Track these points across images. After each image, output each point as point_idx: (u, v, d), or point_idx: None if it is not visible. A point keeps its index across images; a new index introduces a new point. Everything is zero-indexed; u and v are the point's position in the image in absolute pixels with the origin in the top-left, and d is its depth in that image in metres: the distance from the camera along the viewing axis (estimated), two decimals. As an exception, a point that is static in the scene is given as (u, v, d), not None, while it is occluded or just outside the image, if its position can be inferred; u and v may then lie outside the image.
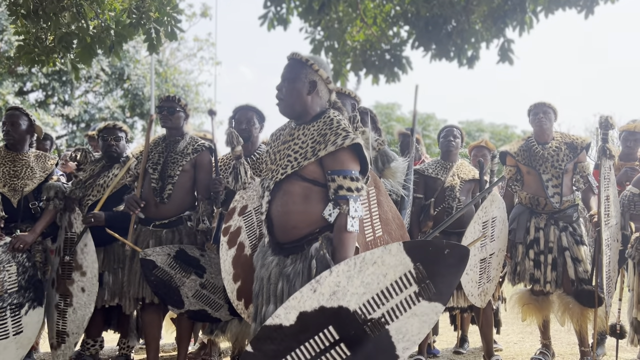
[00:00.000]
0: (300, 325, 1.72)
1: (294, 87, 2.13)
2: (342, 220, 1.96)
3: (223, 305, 3.35)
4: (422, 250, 1.79)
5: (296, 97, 2.13)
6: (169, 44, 16.68)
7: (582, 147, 3.81)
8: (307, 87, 2.14)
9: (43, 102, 13.88)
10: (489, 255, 3.64)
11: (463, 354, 4.32)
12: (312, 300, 1.72)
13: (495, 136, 20.34)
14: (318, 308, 1.72)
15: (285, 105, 2.16)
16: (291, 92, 2.14)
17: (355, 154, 2.04)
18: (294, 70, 2.16)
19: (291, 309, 1.72)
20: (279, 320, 1.72)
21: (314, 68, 2.15)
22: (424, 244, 1.83)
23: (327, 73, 2.18)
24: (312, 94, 2.14)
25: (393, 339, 1.75)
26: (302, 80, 2.13)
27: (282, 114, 2.19)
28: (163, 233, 3.41)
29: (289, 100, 2.14)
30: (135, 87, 14.52)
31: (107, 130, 3.85)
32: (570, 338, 4.44)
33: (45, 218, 3.61)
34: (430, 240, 1.86)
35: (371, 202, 3.00)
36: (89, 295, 3.49)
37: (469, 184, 3.94)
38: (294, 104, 2.15)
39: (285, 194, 2.07)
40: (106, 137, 3.83)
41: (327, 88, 2.19)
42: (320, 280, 1.73)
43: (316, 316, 1.72)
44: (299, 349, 1.72)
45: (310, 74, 2.15)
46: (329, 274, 1.74)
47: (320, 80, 2.16)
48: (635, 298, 3.63)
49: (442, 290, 1.80)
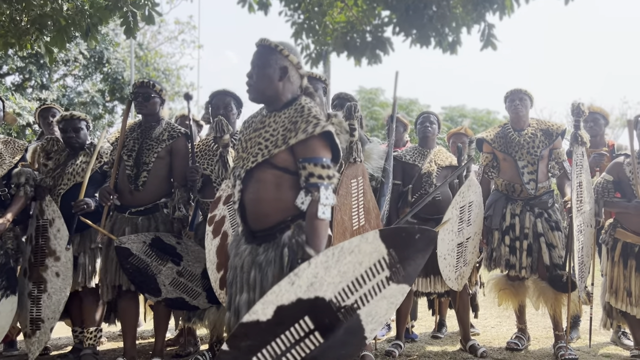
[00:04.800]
0: (277, 319, 1.71)
1: (264, 73, 2.10)
2: (314, 207, 1.95)
3: (201, 293, 3.34)
4: (396, 236, 1.81)
5: (267, 84, 2.11)
6: (149, 27, 16.43)
7: (557, 134, 3.85)
8: (277, 73, 2.11)
9: (20, 85, 13.57)
10: (465, 239, 3.67)
11: (441, 339, 4.38)
12: (290, 293, 1.72)
13: (477, 121, 20.41)
14: (295, 300, 1.72)
15: (255, 91, 2.13)
16: (262, 79, 2.10)
17: (326, 142, 2.02)
18: (264, 56, 2.12)
19: (269, 303, 1.71)
20: (256, 317, 1.70)
21: (284, 53, 2.12)
22: (398, 231, 1.85)
23: (297, 58, 2.15)
24: (283, 80, 2.11)
25: (363, 322, 1.79)
26: (273, 66, 2.10)
27: (253, 100, 2.17)
28: (139, 220, 3.39)
29: (260, 86, 2.12)
30: (115, 71, 14.25)
31: (65, 121, 3.74)
32: (546, 322, 4.52)
33: (16, 204, 3.53)
34: (403, 227, 1.87)
35: (359, 192, 3.02)
36: (63, 280, 3.46)
37: (446, 171, 3.95)
38: (265, 90, 2.12)
39: (256, 182, 2.05)
40: (65, 128, 3.73)
41: (299, 73, 2.16)
42: (299, 273, 1.73)
43: (293, 308, 1.72)
44: (274, 342, 1.72)
45: (280, 59, 2.11)
46: (307, 266, 1.74)
47: (290, 65, 2.13)
48: (607, 283, 3.70)
49: (410, 273, 1.85)
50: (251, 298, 2.00)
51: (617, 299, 3.62)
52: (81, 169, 3.64)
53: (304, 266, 1.74)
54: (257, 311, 1.70)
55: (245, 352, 1.70)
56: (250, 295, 2.01)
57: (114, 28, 14.08)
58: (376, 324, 1.81)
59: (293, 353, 1.73)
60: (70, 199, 3.55)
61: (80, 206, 3.47)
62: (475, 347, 3.76)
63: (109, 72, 14.32)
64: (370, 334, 1.81)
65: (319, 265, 1.74)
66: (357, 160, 3.02)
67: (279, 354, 1.72)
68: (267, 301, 1.71)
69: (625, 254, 3.61)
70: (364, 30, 5.33)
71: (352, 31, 5.35)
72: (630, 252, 3.59)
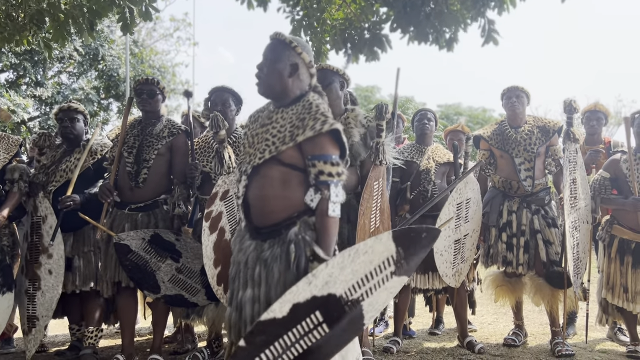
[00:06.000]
0: (292, 315, 1.79)
1: (275, 67, 2.09)
2: (324, 205, 1.96)
3: (200, 289, 3.34)
4: (406, 236, 1.88)
5: (277, 79, 2.10)
6: (144, 24, 16.35)
7: (554, 131, 3.87)
8: (288, 69, 2.10)
9: (14, 82, 13.51)
10: (463, 236, 3.69)
11: (438, 335, 4.40)
12: (306, 292, 1.79)
13: (473, 119, 20.48)
14: (310, 298, 1.79)
15: (264, 85, 2.12)
16: (272, 73, 2.10)
17: (334, 139, 2.02)
18: (276, 50, 2.11)
19: (286, 302, 1.78)
20: (273, 315, 1.77)
21: (297, 51, 2.11)
22: (408, 231, 1.91)
23: (309, 57, 2.15)
24: (293, 77, 2.11)
25: (364, 312, 1.86)
26: (284, 62, 2.09)
27: (261, 94, 2.16)
28: (138, 217, 3.38)
29: (269, 80, 2.11)
30: (110, 68, 14.19)
31: (62, 112, 3.73)
32: (542, 318, 4.55)
33: (10, 200, 3.51)
34: (412, 227, 1.93)
35: (379, 194, 3.04)
36: (56, 277, 3.45)
37: (444, 167, 3.97)
38: (274, 85, 2.11)
39: (262, 179, 2.05)
40: (62, 119, 3.72)
41: (309, 72, 2.15)
42: (316, 274, 1.79)
43: (307, 305, 1.79)
44: (285, 335, 1.79)
45: (292, 56, 2.11)
46: (325, 267, 1.80)
47: (302, 63, 2.12)
48: (604, 279, 3.73)
49: (412, 266, 1.91)
50: (256, 294, 1.99)
51: (614, 295, 3.65)
52: (75, 166, 3.62)
53: (321, 267, 1.80)
54: (275, 309, 1.77)
55: (259, 346, 1.77)
56: (255, 292, 2.00)
57: (109, 25, 14.01)
58: (375, 311, 1.89)
59: (301, 343, 1.80)
60: (61, 195, 3.51)
61: (66, 203, 3.44)
62: (473, 343, 3.78)
63: (104, 69, 14.26)
64: (368, 321, 1.90)
65: (335, 266, 1.81)
66: (382, 163, 3.03)
67: (289, 344, 1.79)
68: (285, 300, 1.78)
69: (622, 250, 3.64)
70: (362, 27, 5.31)
71: (350, 28, 5.33)
72: (627, 248, 3.62)
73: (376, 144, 3.10)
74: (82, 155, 3.63)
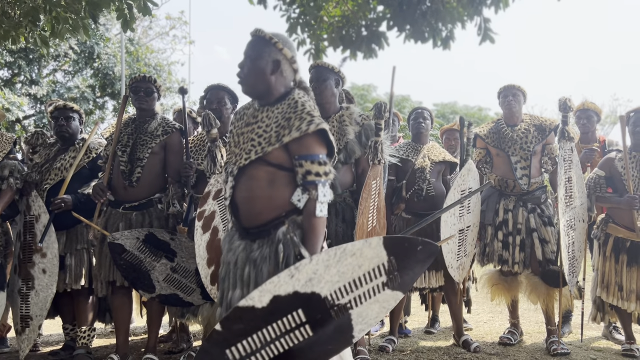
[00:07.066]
0: (272, 308, 1.76)
1: (256, 65, 2.06)
2: (311, 205, 1.95)
3: (195, 289, 3.33)
4: (399, 245, 1.84)
5: (259, 76, 2.07)
6: (141, 21, 16.28)
7: (550, 129, 3.87)
8: (270, 66, 2.06)
9: (9, 80, 13.43)
10: (466, 227, 3.68)
11: (434, 334, 4.40)
12: (288, 285, 1.76)
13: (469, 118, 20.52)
14: (292, 293, 1.76)
15: (247, 84, 2.09)
16: (253, 71, 2.06)
17: (321, 138, 2.00)
18: (257, 48, 2.08)
19: (266, 292, 1.75)
20: (252, 302, 1.75)
21: (278, 46, 2.07)
22: (402, 240, 1.87)
23: (291, 52, 2.11)
24: (275, 74, 2.07)
25: (353, 322, 1.82)
26: (265, 59, 2.06)
27: (245, 93, 2.13)
28: (133, 216, 3.36)
29: (251, 79, 2.08)
30: (106, 67, 14.12)
31: (57, 110, 3.71)
32: (538, 317, 4.56)
33: (2, 198, 3.47)
34: (407, 237, 1.89)
35: (377, 193, 3.03)
36: (50, 277, 3.43)
37: (440, 166, 3.97)
38: (257, 84, 2.08)
39: (249, 179, 2.03)
40: (57, 117, 3.69)
41: (292, 68, 2.12)
42: (300, 267, 1.76)
43: (288, 300, 1.76)
44: (265, 329, 1.77)
45: (273, 52, 2.07)
46: (309, 262, 1.77)
47: (284, 59, 2.09)
48: (599, 278, 3.73)
49: (406, 281, 1.85)
50: (245, 294, 1.98)
51: (609, 293, 3.65)
52: (69, 164, 3.59)
53: (305, 261, 1.78)
54: (254, 297, 1.75)
55: (236, 335, 1.75)
56: (244, 292, 1.99)
57: (105, 23, 13.95)
58: (365, 325, 1.84)
59: (281, 342, 1.78)
60: (55, 194, 3.50)
61: (58, 205, 3.42)
62: (468, 342, 3.78)
63: (100, 68, 14.19)
64: (358, 334, 1.84)
65: (320, 263, 1.78)
66: (381, 162, 3.02)
67: (268, 340, 1.77)
68: (264, 289, 1.75)
69: (617, 248, 3.64)
70: (359, 24, 5.30)
71: (348, 25, 5.32)
72: (622, 247, 3.63)
73: (375, 143, 3.09)
74: (79, 153, 3.61)
